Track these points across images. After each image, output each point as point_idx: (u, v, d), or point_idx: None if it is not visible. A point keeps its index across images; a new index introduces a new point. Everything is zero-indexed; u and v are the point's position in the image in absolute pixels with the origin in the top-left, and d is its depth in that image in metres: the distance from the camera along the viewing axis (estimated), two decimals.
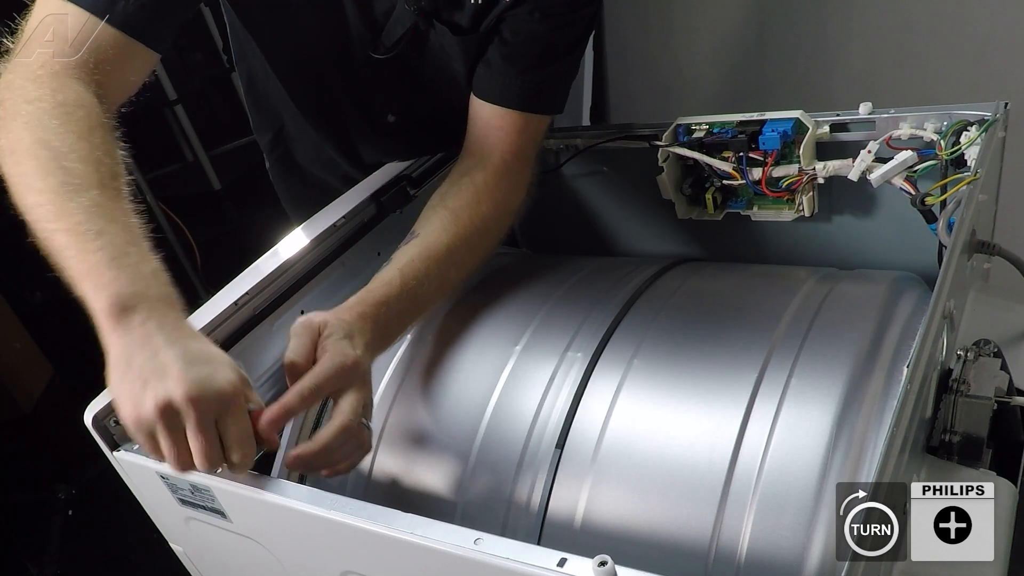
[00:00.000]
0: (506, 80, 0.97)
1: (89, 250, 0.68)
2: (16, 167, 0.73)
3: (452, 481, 0.82)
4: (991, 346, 0.78)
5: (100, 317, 0.67)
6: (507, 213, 0.98)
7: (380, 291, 0.84)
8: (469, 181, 0.96)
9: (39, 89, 0.77)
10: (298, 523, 0.71)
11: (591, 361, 0.84)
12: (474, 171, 0.97)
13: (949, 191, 0.85)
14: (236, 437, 0.67)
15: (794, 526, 0.67)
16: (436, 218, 0.92)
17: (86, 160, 0.73)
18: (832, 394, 0.72)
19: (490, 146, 0.98)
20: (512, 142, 0.98)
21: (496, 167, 0.97)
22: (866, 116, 0.98)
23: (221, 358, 0.68)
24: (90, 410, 0.80)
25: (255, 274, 0.95)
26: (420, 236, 0.91)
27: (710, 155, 1.04)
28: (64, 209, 0.69)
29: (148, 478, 0.80)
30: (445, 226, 0.91)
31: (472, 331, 0.94)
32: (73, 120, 0.75)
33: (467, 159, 0.99)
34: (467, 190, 0.95)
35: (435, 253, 0.89)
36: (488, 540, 0.60)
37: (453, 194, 0.95)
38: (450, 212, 0.92)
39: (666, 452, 0.75)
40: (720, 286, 0.98)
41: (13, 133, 0.75)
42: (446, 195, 0.95)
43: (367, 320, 0.80)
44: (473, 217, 0.93)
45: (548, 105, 1.00)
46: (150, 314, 0.67)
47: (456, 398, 0.87)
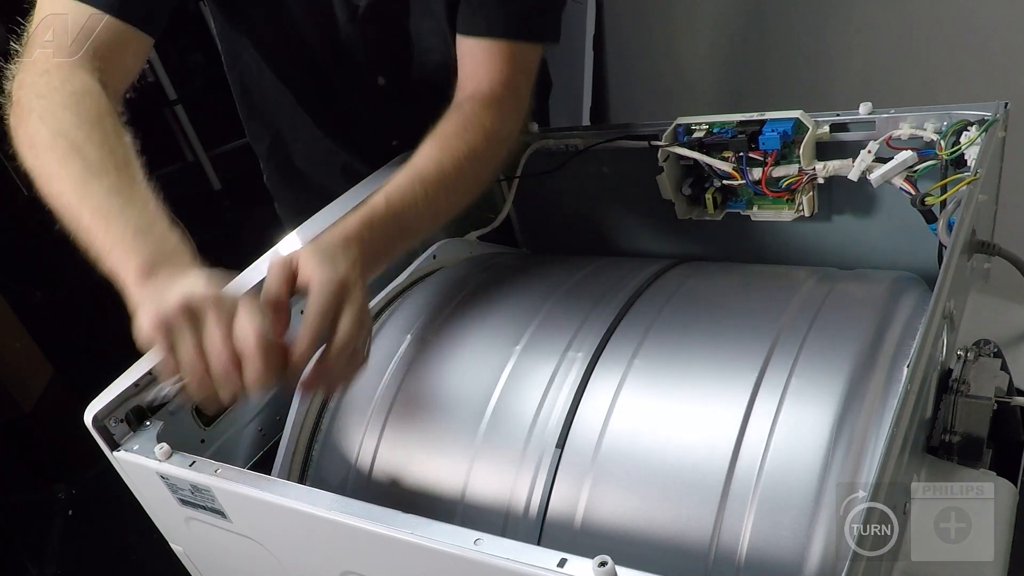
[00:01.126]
0: (488, 11, 0.96)
1: (114, 226, 0.72)
2: (37, 160, 0.78)
3: (452, 481, 0.82)
4: (991, 346, 0.78)
5: (129, 282, 0.71)
6: (498, 141, 0.96)
7: (364, 213, 0.83)
8: (457, 111, 0.95)
9: (49, 83, 0.80)
10: (298, 523, 0.71)
11: (591, 361, 0.84)
12: (463, 103, 0.96)
13: (949, 191, 0.85)
14: (253, 342, 0.67)
15: (794, 526, 0.67)
16: (424, 146, 0.91)
17: (101, 147, 0.77)
18: (832, 394, 0.72)
19: (478, 79, 0.98)
20: (500, 71, 0.97)
21: (484, 96, 0.96)
22: (866, 116, 0.98)
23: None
24: (90, 410, 0.80)
25: (255, 274, 0.95)
26: (408, 162, 0.90)
27: (710, 155, 1.04)
28: (87, 193, 0.74)
29: (148, 478, 0.80)
30: (432, 152, 0.90)
31: (472, 331, 0.94)
32: (84, 109, 0.79)
33: (458, 95, 0.99)
34: (455, 119, 0.94)
35: (423, 176, 0.88)
36: (488, 540, 0.60)
37: (442, 124, 0.94)
38: (438, 138, 0.91)
39: (666, 452, 0.75)
40: (720, 286, 0.98)
41: (31, 127, 0.79)
42: (435, 127, 0.94)
43: (351, 241, 0.79)
44: (461, 144, 0.91)
45: (537, 32, 0.99)
46: (175, 270, 0.71)
47: (456, 398, 0.87)
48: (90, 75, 0.83)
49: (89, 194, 0.74)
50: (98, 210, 0.73)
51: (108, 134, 0.78)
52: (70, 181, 0.75)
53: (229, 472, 0.74)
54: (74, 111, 0.78)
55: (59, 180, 0.75)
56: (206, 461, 0.76)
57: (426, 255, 1.12)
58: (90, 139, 0.77)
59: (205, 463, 0.76)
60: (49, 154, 0.76)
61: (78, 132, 0.77)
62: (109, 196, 0.74)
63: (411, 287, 1.07)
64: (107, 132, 0.79)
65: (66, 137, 0.76)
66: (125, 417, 0.83)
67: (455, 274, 1.06)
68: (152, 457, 0.78)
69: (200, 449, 0.91)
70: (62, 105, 0.79)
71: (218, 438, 0.94)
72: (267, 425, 0.99)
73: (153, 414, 0.85)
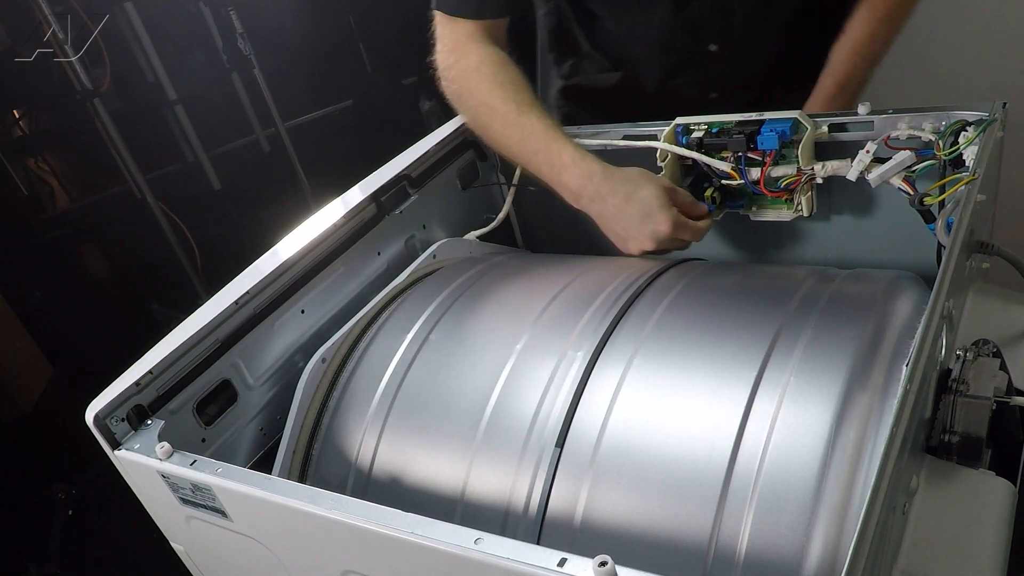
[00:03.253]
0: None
1: (555, 151, 1.06)
2: (476, 120, 1.16)
3: (452, 480, 0.82)
4: (990, 346, 0.78)
5: (574, 187, 1.05)
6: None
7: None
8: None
9: (467, 73, 1.14)
10: (298, 523, 0.71)
11: (591, 360, 0.84)
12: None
13: (947, 191, 0.85)
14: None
15: (793, 525, 0.67)
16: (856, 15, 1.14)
17: (517, 98, 1.10)
18: (831, 393, 0.73)
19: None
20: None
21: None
22: (864, 116, 0.98)
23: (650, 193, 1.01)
24: (91, 409, 0.81)
25: (255, 274, 0.95)
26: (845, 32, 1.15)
27: (709, 155, 1.04)
28: (525, 129, 1.08)
29: (149, 477, 0.80)
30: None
31: (472, 330, 0.94)
32: (492, 76, 1.12)
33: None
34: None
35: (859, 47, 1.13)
36: (488, 540, 0.60)
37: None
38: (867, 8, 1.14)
39: (666, 451, 0.75)
40: (719, 285, 0.98)
41: (469, 101, 1.15)
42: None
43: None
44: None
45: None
46: (595, 161, 1.04)
47: (456, 397, 0.87)
48: (488, 45, 1.15)
49: (527, 130, 1.07)
50: (540, 139, 1.06)
51: (519, 88, 1.12)
52: (511, 128, 1.09)
53: (230, 471, 0.74)
54: (496, 82, 1.11)
55: (500, 127, 1.11)
56: (207, 460, 0.76)
57: (426, 255, 1.12)
58: (512, 98, 1.10)
59: (206, 462, 0.76)
60: (487, 115, 1.12)
61: (503, 96, 1.10)
62: (544, 129, 1.07)
63: (411, 287, 1.07)
64: (519, 87, 1.12)
65: (498, 94, 1.10)
66: (126, 416, 0.83)
67: (455, 274, 1.06)
68: (153, 456, 0.78)
69: (201, 448, 0.92)
70: (488, 83, 1.12)
71: (219, 437, 0.94)
72: (268, 424, 1.00)
73: (154, 413, 0.85)
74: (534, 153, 1.08)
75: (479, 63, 1.13)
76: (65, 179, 3.34)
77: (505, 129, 1.11)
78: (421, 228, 1.18)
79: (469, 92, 1.14)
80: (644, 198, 1.00)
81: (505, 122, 1.10)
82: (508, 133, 1.10)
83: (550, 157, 1.06)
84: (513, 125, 1.09)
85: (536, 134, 1.08)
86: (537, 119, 1.08)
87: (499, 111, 1.10)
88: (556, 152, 1.06)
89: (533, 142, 1.08)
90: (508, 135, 1.11)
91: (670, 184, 1.03)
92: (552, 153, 1.06)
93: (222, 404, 0.94)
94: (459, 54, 1.15)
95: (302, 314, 1.02)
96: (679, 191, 1.03)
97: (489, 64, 1.13)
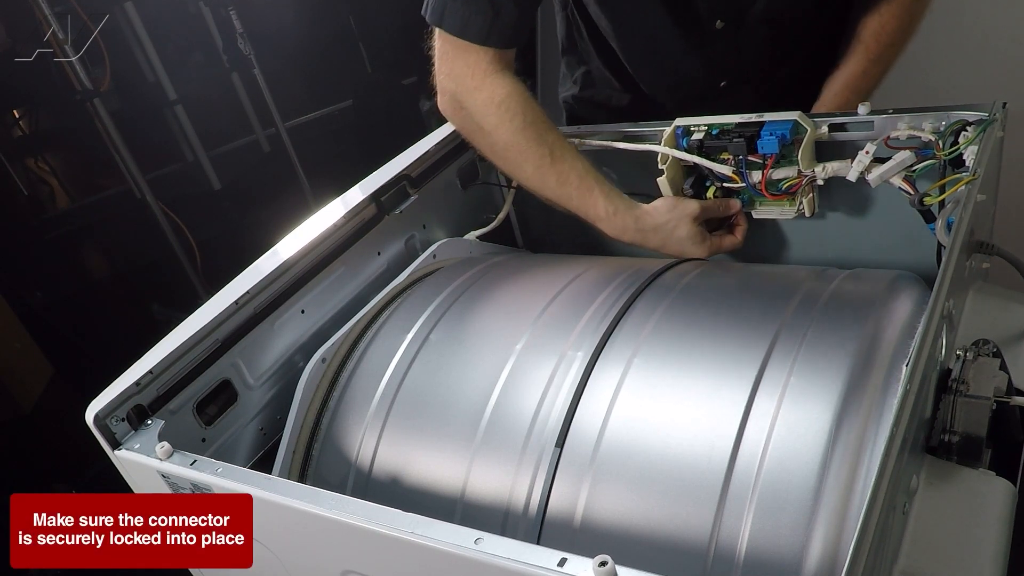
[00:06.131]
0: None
1: (589, 204, 1.10)
2: (503, 157, 1.14)
3: (452, 480, 0.82)
4: (990, 346, 0.78)
5: (610, 235, 1.11)
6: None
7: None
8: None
9: (488, 108, 1.11)
10: (298, 523, 0.71)
11: (591, 360, 0.84)
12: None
13: (948, 191, 0.85)
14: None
15: (793, 525, 0.67)
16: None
17: (548, 140, 1.11)
18: (831, 393, 0.73)
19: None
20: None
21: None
22: (864, 117, 0.98)
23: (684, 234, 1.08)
24: (91, 409, 0.81)
25: (255, 274, 0.95)
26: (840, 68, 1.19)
27: (709, 157, 1.04)
28: (561, 176, 1.10)
29: (149, 477, 0.80)
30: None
31: (472, 330, 0.94)
32: (520, 115, 1.10)
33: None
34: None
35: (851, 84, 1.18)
36: (489, 540, 0.60)
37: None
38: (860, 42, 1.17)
39: (666, 451, 0.75)
40: (720, 285, 0.98)
41: (492, 137, 1.12)
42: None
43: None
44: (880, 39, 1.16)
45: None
46: (628, 213, 1.09)
47: (456, 397, 0.87)
48: (506, 75, 1.12)
49: (562, 174, 1.10)
50: (577, 182, 1.09)
51: (546, 128, 1.12)
52: (544, 169, 1.10)
53: (230, 471, 0.74)
54: (521, 122, 1.10)
55: (532, 168, 1.11)
56: (207, 460, 0.76)
57: (426, 255, 1.12)
58: (538, 138, 1.10)
59: (206, 462, 0.76)
60: (513, 153, 1.12)
61: (529, 136, 1.10)
62: (575, 172, 1.10)
63: (411, 287, 1.07)
64: (546, 126, 1.12)
65: (524, 136, 1.10)
66: (126, 416, 0.83)
67: (455, 274, 1.06)
68: (153, 456, 0.78)
69: (201, 448, 0.92)
70: (511, 125, 1.10)
71: (219, 437, 0.94)
72: (268, 424, 1.00)
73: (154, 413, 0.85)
74: (568, 199, 1.12)
75: (504, 98, 1.11)
76: (65, 179, 3.34)
77: (539, 171, 1.11)
78: (421, 228, 1.18)
79: (494, 129, 1.12)
80: (679, 240, 1.08)
81: (539, 166, 1.11)
82: (542, 175, 1.11)
83: (584, 207, 1.11)
84: (548, 170, 1.10)
85: (571, 182, 1.10)
86: (570, 166, 1.10)
87: (531, 154, 1.10)
88: (591, 204, 1.10)
89: (568, 188, 1.11)
90: (543, 177, 1.11)
91: (698, 210, 1.07)
92: (587, 205, 1.10)
93: (222, 404, 0.94)
94: (478, 83, 1.12)
95: (302, 314, 1.02)
96: (708, 206, 1.09)
97: (514, 101, 1.10)
